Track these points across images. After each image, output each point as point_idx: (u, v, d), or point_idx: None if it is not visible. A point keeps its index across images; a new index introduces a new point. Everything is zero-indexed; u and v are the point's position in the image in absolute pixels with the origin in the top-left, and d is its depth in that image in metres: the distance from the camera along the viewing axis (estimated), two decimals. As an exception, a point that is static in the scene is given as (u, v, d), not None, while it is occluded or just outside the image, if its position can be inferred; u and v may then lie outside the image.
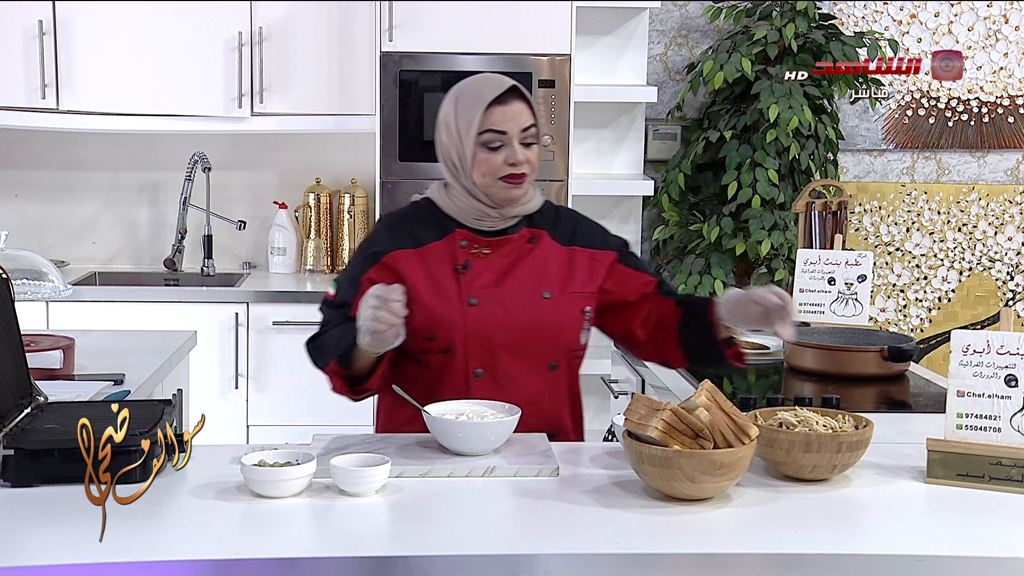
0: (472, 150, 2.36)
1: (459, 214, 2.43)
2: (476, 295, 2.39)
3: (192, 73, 4.51)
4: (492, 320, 2.38)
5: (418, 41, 4.36)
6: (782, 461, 2.08)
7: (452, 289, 2.39)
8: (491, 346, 2.38)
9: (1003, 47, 5.01)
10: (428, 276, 2.39)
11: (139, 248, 4.95)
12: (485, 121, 2.35)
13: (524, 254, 2.44)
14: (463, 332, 2.37)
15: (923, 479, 2.12)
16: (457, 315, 2.37)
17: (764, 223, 4.53)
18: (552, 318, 2.41)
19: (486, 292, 2.39)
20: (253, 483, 1.95)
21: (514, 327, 2.39)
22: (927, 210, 5.09)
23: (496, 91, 2.35)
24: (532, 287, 2.42)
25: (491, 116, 2.35)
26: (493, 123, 2.35)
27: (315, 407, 4.40)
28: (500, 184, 2.37)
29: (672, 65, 5.00)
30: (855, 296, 3.22)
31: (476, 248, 2.42)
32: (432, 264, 2.40)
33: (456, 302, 2.38)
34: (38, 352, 2.78)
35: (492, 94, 2.35)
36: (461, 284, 2.40)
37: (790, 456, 2.06)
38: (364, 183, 4.81)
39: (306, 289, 4.53)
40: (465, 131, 2.36)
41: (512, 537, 1.85)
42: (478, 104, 2.35)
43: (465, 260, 2.41)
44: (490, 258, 2.42)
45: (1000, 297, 5.12)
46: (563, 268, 2.45)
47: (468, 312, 2.38)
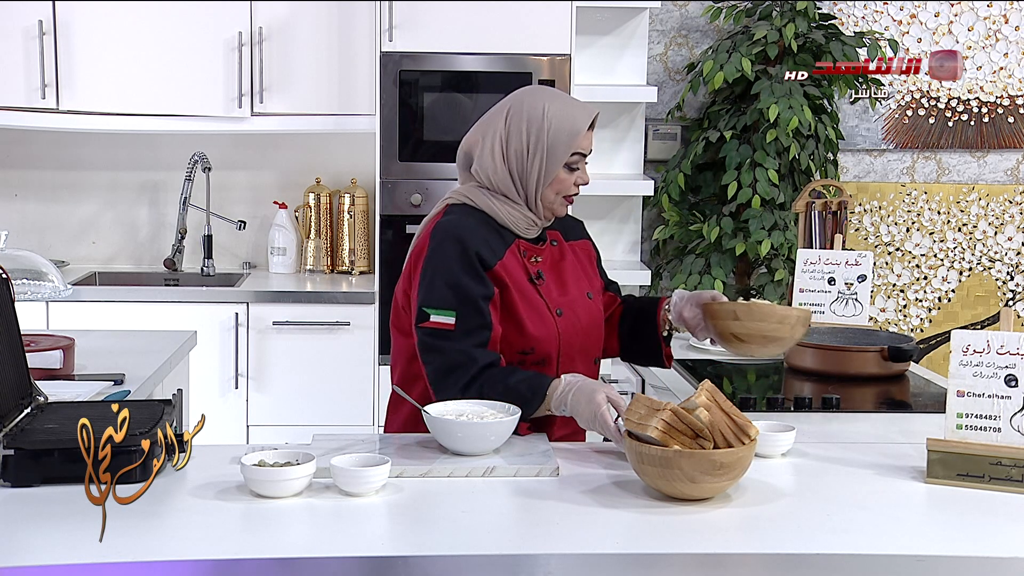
0: (557, 170, 2.42)
1: (513, 224, 2.46)
2: (556, 305, 2.46)
3: (192, 73, 4.50)
4: (571, 328, 2.46)
5: (418, 41, 4.36)
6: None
7: (538, 301, 2.44)
8: (572, 352, 2.47)
9: (1003, 47, 5.01)
10: (518, 289, 2.42)
11: (139, 248, 4.95)
12: (578, 144, 2.43)
13: (558, 259, 2.53)
14: (556, 343, 2.43)
15: (923, 479, 2.12)
16: (551, 327, 2.43)
17: (764, 223, 4.53)
18: (598, 316, 2.55)
19: (560, 301, 2.47)
20: (253, 483, 1.95)
21: (582, 331, 2.49)
22: (927, 210, 5.09)
23: (590, 117, 2.44)
24: (579, 290, 2.52)
25: (582, 140, 2.44)
26: (582, 146, 2.44)
27: (315, 407, 4.42)
28: (561, 201, 2.47)
29: (672, 65, 5.00)
30: (855, 296, 3.22)
31: (533, 257, 2.48)
32: (515, 277, 2.43)
33: (547, 314, 2.44)
34: (38, 352, 2.79)
35: (587, 120, 2.44)
36: (543, 295, 2.45)
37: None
38: (364, 183, 4.81)
39: (306, 289, 4.53)
40: (556, 152, 2.41)
41: (512, 537, 1.85)
42: (577, 128, 2.42)
43: (536, 270, 2.46)
44: (542, 266, 2.49)
45: (1000, 297, 5.12)
46: (581, 266, 2.57)
47: (559, 323, 2.44)
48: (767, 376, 3.18)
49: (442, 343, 2.33)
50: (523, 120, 2.42)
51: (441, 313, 2.33)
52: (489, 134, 2.45)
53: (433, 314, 2.34)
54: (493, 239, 2.42)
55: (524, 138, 2.42)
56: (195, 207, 4.79)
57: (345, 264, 4.80)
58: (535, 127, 2.41)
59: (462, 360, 2.32)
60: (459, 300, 2.34)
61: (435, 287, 2.35)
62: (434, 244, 2.39)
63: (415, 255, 2.44)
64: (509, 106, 2.46)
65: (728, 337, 2.46)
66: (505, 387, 2.30)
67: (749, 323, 2.43)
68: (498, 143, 2.44)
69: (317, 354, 4.42)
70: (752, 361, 3.24)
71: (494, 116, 2.47)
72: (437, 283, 2.35)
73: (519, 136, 2.42)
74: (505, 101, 2.48)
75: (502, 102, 2.49)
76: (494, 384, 2.30)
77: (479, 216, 2.44)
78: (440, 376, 2.34)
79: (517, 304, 2.40)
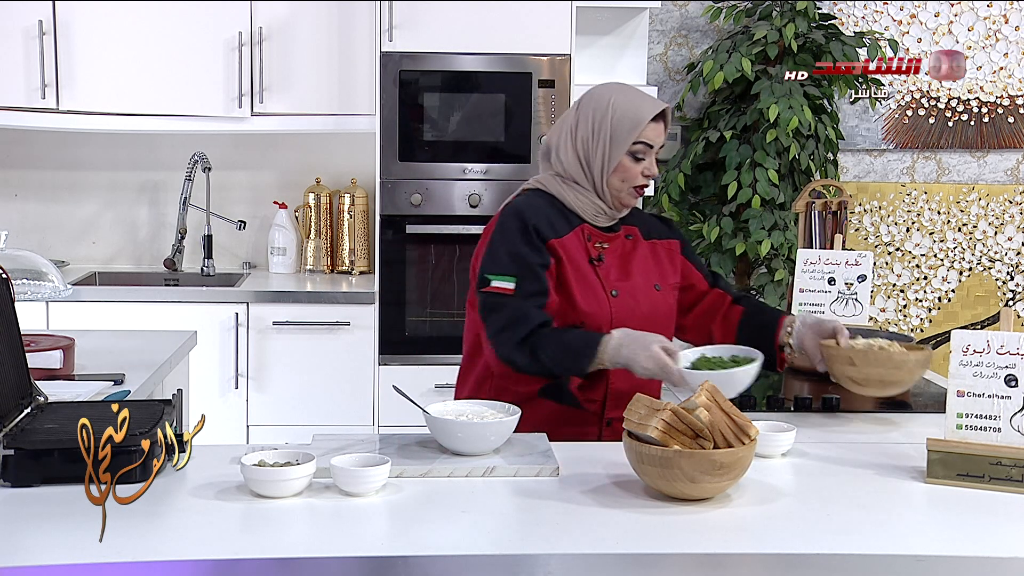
0: (620, 157, 2.53)
1: (581, 210, 2.58)
2: (613, 287, 2.55)
3: (192, 73, 4.51)
4: (628, 311, 2.55)
5: (418, 41, 4.36)
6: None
7: (594, 280, 2.55)
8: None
9: (1003, 47, 5.01)
10: (573, 266, 2.53)
11: (139, 248, 4.95)
12: (641, 133, 2.52)
13: (629, 250, 2.63)
14: (609, 323, 2.52)
15: (923, 479, 2.12)
16: (604, 305, 2.54)
17: (764, 223, 4.53)
18: (663, 309, 2.64)
19: (619, 284, 2.57)
20: (253, 483, 1.95)
21: (640, 318, 2.55)
22: (927, 210, 5.09)
23: (656, 109, 2.53)
24: (645, 280, 2.61)
25: (647, 130, 2.53)
26: (647, 136, 2.53)
27: (315, 407, 4.42)
28: (629, 191, 2.57)
29: (672, 65, 5.00)
30: (855, 296, 3.22)
31: (599, 243, 2.58)
32: (572, 255, 2.54)
33: (601, 293, 2.55)
34: (38, 352, 2.78)
35: (653, 110, 2.53)
36: (600, 276, 2.55)
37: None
38: (364, 183, 4.81)
39: (306, 289, 4.53)
40: (619, 138, 2.52)
41: (512, 537, 1.85)
42: (641, 117, 2.52)
43: (598, 253, 2.57)
44: (608, 252, 2.59)
45: (1000, 297, 5.12)
46: (656, 262, 2.66)
47: (613, 303, 2.55)
48: (767, 376, 3.17)
49: (501, 304, 2.48)
50: (590, 108, 2.56)
51: (501, 278, 2.49)
52: (564, 124, 2.60)
53: (494, 280, 2.49)
54: (558, 220, 2.55)
55: (589, 125, 2.55)
56: (195, 207, 4.79)
57: (345, 264, 4.80)
58: (600, 114, 2.54)
59: (519, 316, 2.45)
60: (518, 267, 2.48)
61: (497, 256, 2.51)
62: (500, 220, 2.55)
63: (486, 233, 2.58)
64: (582, 97, 2.61)
65: (845, 380, 2.54)
66: (559, 342, 2.43)
67: (865, 368, 2.49)
68: (568, 132, 2.58)
69: (317, 354, 4.42)
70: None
71: (570, 108, 2.63)
72: (499, 253, 2.51)
73: (586, 123, 2.55)
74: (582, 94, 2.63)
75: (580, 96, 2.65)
76: (548, 340, 2.44)
77: (548, 199, 2.58)
78: (498, 331, 2.47)
79: (570, 279, 2.52)
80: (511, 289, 2.47)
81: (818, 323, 2.62)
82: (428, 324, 4.48)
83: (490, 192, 4.41)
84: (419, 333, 4.46)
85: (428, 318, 4.48)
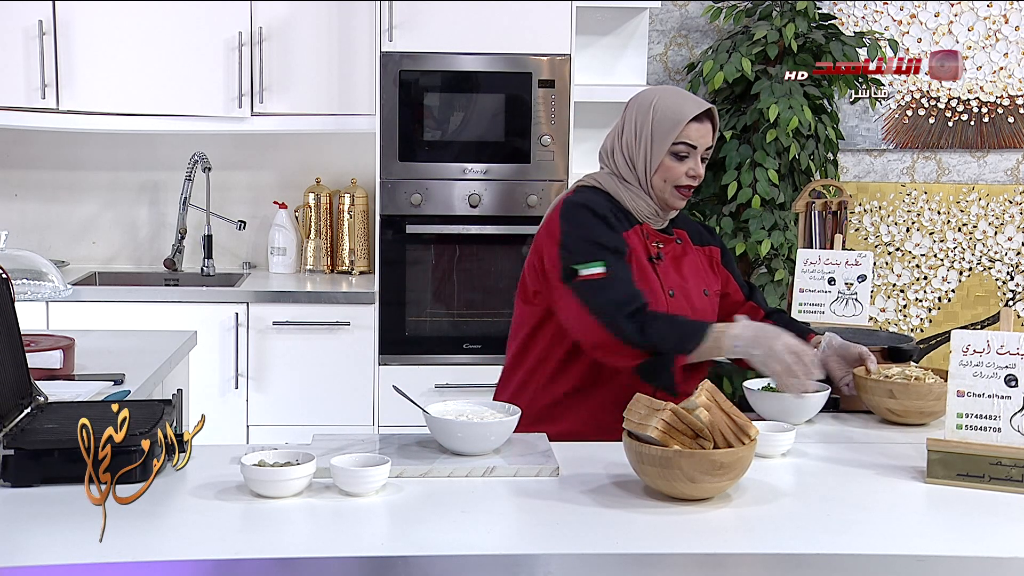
0: (661, 156, 2.55)
1: (636, 211, 2.60)
2: (671, 287, 2.57)
3: (192, 73, 4.51)
4: (683, 311, 2.57)
5: (418, 41, 4.36)
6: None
7: (653, 278, 2.56)
8: None
9: (1003, 47, 5.01)
10: (636, 262, 2.55)
11: (139, 248, 4.95)
12: (682, 133, 2.54)
13: (680, 253, 2.66)
14: None
15: (923, 479, 2.12)
16: (662, 304, 2.54)
17: (764, 223, 4.53)
18: (712, 313, 2.67)
19: (675, 284, 2.59)
20: (253, 483, 1.95)
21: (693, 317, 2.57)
22: (927, 210, 5.09)
23: (698, 109, 2.55)
24: (696, 284, 2.64)
25: (688, 130, 2.55)
26: (688, 136, 2.55)
27: (315, 407, 4.42)
28: (673, 192, 2.58)
29: (672, 65, 5.00)
30: (855, 296, 3.22)
31: (655, 242, 2.61)
32: (636, 250, 2.56)
33: (660, 291, 2.55)
34: (38, 352, 2.78)
35: (694, 110, 2.55)
36: (659, 274, 2.57)
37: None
38: (364, 183, 4.81)
39: (306, 289, 4.53)
40: (660, 137, 2.55)
41: (512, 537, 1.85)
42: (680, 117, 2.54)
43: (657, 252, 2.59)
44: (664, 252, 2.61)
45: (1000, 297, 5.12)
46: (703, 267, 2.68)
47: (669, 303, 2.57)
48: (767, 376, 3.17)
49: (600, 286, 2.44)
50: (634, 110, 2.60)
51: (590, 266, 2.46)
52: (615, 126, 2.64)
53: (582, 269, 2.46)
54: (619, 216, 2.57)
55: (633, 126, 2.58)
56: (195, 207, 4.79)
57: (345, 264, 4.80)
58: (642, 115, 2.57)
59: (625, 292, 2.44)
60: (603, 251, 2.48)
61: (577, 246, 2.49)
62: (566, 214, 2.55)
63: (545, 230, 2.58)
64: (630, 100, 2.64)
65: (883, 411, 2.55)
66: (669, 319, 2.45)
67: (906, 401, 2.50)
68: (616, 134, 2.62)
69: (317, 354, 4.42)
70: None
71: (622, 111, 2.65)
72: (578, 243, 2.50)
73: (630, 125, 2.59)
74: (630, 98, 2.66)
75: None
76: (656, 316, 2.43)
77: (605, 195, 2.60)
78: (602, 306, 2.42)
79: (634, 273, 2.52)
80: (603, 273, 2.45)
81: (844, 347, 2.63)
82: (428, 324, 4.48)
83: (490, 192, 4.41)
84: (419, 333, 4.46)
85: (428, 318, 4.48)
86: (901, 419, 2.53)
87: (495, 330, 4.43)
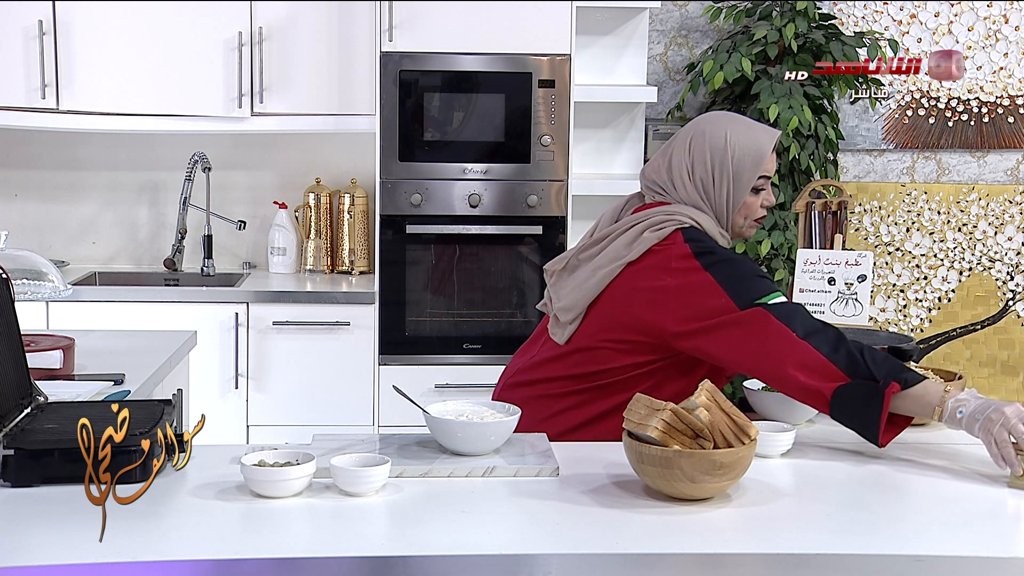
0: (743, 196, 2.48)
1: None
2: None
3: (192, 73, 4.50)
4: None
5: (418, 41, 4.36)
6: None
7: None
8: None
9: (1003, 47, 5.01)
10: None
11: (139, 248, 4.95)
12: (762, 168, 2.48)
13: None
14: None
15: (923, 479, 2.12)
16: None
17: (764, 223, 4.54)
18: None
19: None
20: (253, 483, 1.95)
21: None
22: (927, 210, 5.09)
23: (773, 140, 2.48)
24: None
25: (768, 163, 2.49)
26: (767, 170, 2.49)
27: (315, 407, 4.42)
28: (751, 224, 2.54)
29: (672, 65, 5.00)
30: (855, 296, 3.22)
31: None
32: None
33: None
34: (38, 352, 2.78)
35: (771, 143, 2.48)
36: None
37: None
38: (364, 183, 4.81)
39: (306, 289, 4.53)
40: (743, 177, 2.47)
41: (512, 537, 1.85)
42: (761, 153, 2.47)
43: None
44: None
45: (1000, 297, 5.12)
46: None
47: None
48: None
49: (793, 311, 2.31)
50: (706, 147, 2.47)
51: (770, 297, 2.33)
52: (675, 163, 2.50)
53: (767, 300, 2.32)
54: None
55: (708, 166, 2.47)
56: (195, 207, 4.79)
57: (345, 264, 4.80)
58: (719, 154, 2.46)
59: (814, 319, 2.32)
60: (770, 282, 2.36)
61: (744, 282, 2.35)
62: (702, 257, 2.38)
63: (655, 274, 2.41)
64: (692, 134, 2.51)
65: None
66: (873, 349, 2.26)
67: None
68: (684, 171, 2.49)
69: (317, 354, 4.42)
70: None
71: (676, 146, 2.51)
72: (743, 278, 2.36)
73: (703, 164, 2.47)
74: (688, 128, 2.54)
75: (681, 131, 2.55)
76: (862, 345, 2.26)
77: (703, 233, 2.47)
78: (809, 332, 2.28)
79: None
80: (787, 301, 2.34)
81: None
82: (428, 324, 4.48)
83: (490, 192, 4.41)
84: (419, 333, 4.46)
85: (428, 318, 4.48)
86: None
87: (495, 330, 4.43)
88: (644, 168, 2.59)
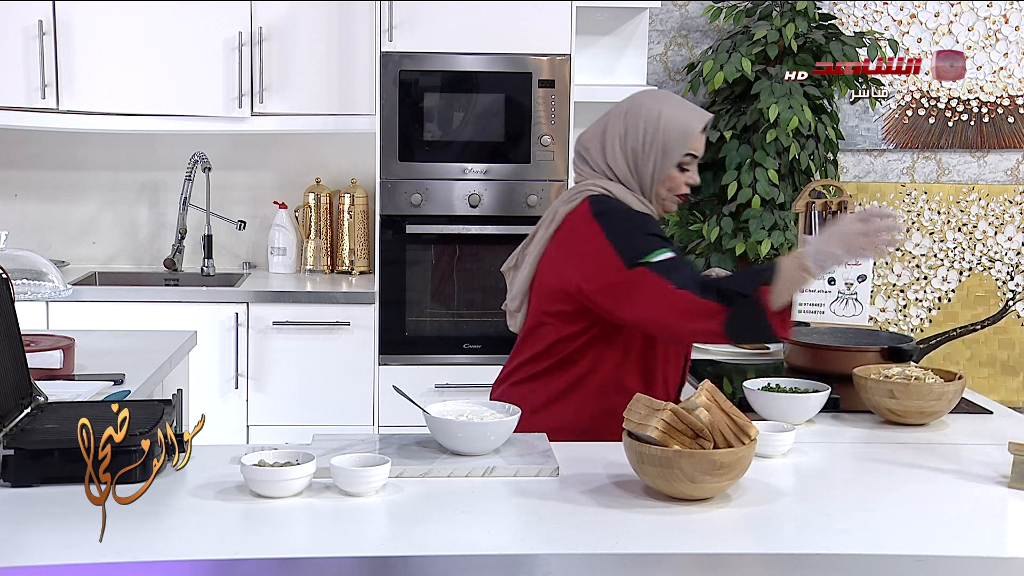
0: (669, 169, 2.58)
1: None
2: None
3: (192, 73, 4.51)
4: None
5: (418, 41, 4.36)
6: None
7: None
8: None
9: (1003, 47, 5.01)
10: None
11: (139, 248, 4.95)
12: (689, 145, 2.58)
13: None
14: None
15: (922, 479, 2.12)
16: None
17: (764, 223, 4.53)
18: None
19: None
20: (253, 483, 1.95)
21: None
22: (927, 210, 5.09)
23: (703, 120, 2.59)
24: None
25: (694, 142, 2.59)
26: (694, 148, 2.59)
27: (315, 407, 4.42)
28: (672, 198, 2.62)
29: (672, 65, 5.00)
30: (855, 296, 3.22)
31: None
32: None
33: None
34: (38, 352, 2.78)
35: (701, 122, 2.59)
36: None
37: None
38: (364, 183, 4.81)
39: (306, 289, 4.53)
40: (670, 151, 2.57)
41: (512, 537, 1.85)
42: (690, 130, 2.57)
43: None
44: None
45: (1000, 297, 5.12)
46: None
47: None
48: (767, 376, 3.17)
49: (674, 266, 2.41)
50: (641, 118, 2.58)
51: (655, 254, 2.42)
52: (609, 131, 2.60)
53: (651, 257, 2.41)
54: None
55: (640, 136, 2.56)
56: (195, 207, 4.79)
57: (345, 264, 4.80)
58: (651, 126, 2.56)
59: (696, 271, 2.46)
60: (662, 240, 2.47)
61: (633, 241, 2.45)
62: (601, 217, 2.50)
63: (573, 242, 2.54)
64: (628, 105, 2.62)
65: (883, 411, 2.55)
66: (738, 271, 2.45)
67: (906, 401, 2.51)
68: (616, 139, 2.59)
69: (317, 354, 4.42)
70: (752, 361, 3.24)
71: (613, 116, 2.62)
72: (633, 237, 2.46)
73: (636, 134, 2.57)
74: (623, 102, 2.64)
75: (620, 103, 2.64)
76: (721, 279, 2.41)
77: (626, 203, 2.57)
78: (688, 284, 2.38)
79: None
80: (673, 257, 2.43)
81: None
82: (428, 324, 4.48)
83: (490, 192, 4.41)
84: (419, 333, 4.46)
85: (428, 318, 4.48)
86: (901, 419, 2.53)
87: (495, 330, 4.43)
88: (580, 135, 2.69)
